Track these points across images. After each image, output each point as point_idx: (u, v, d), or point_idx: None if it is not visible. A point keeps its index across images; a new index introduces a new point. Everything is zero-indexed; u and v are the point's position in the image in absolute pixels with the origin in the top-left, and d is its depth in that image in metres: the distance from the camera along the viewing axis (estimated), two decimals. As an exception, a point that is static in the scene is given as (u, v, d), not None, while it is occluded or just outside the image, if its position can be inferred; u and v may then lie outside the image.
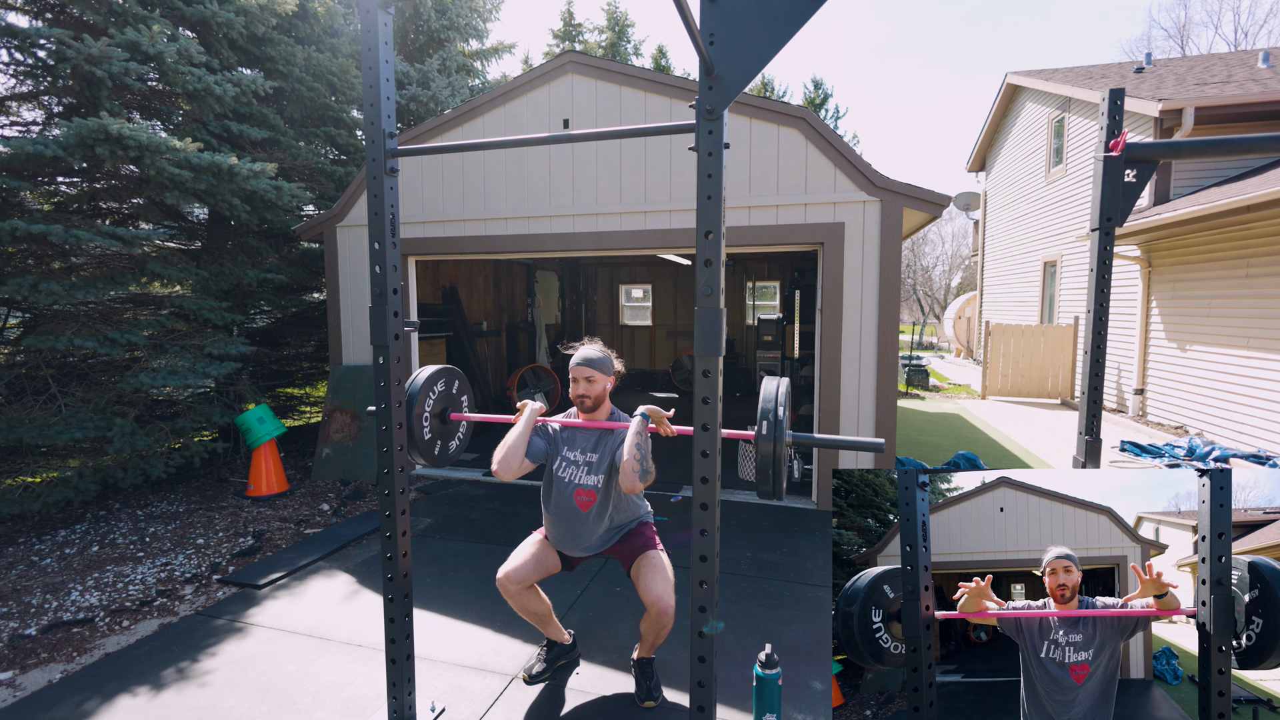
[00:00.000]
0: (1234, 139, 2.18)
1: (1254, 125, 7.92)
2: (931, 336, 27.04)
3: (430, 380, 2.46)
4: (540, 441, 2.53)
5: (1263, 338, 6.36)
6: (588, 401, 2.49)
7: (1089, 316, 2.37)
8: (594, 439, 2.53)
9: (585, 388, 2.48)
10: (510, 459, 2.39)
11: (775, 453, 1.76)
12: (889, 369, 4.60)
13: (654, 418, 2.29)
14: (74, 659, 2.96)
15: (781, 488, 1.84)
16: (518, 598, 2.56)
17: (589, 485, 2.48)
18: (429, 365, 2.54)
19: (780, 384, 1.86)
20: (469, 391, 2.74)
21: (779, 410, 1.78)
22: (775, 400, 1.81)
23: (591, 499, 2.48)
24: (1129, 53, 30.25)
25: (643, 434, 2.26)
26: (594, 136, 1.98)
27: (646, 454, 2.24)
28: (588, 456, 2.51)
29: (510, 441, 2.42)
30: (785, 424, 1.79)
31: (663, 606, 2.40)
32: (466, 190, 5.52)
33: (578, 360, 2.49)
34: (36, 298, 4.29)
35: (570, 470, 2.52)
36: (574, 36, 18.45)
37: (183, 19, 5.33)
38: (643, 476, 2.22)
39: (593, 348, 2.54)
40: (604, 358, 2.53)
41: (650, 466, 2.24)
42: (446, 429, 2.59)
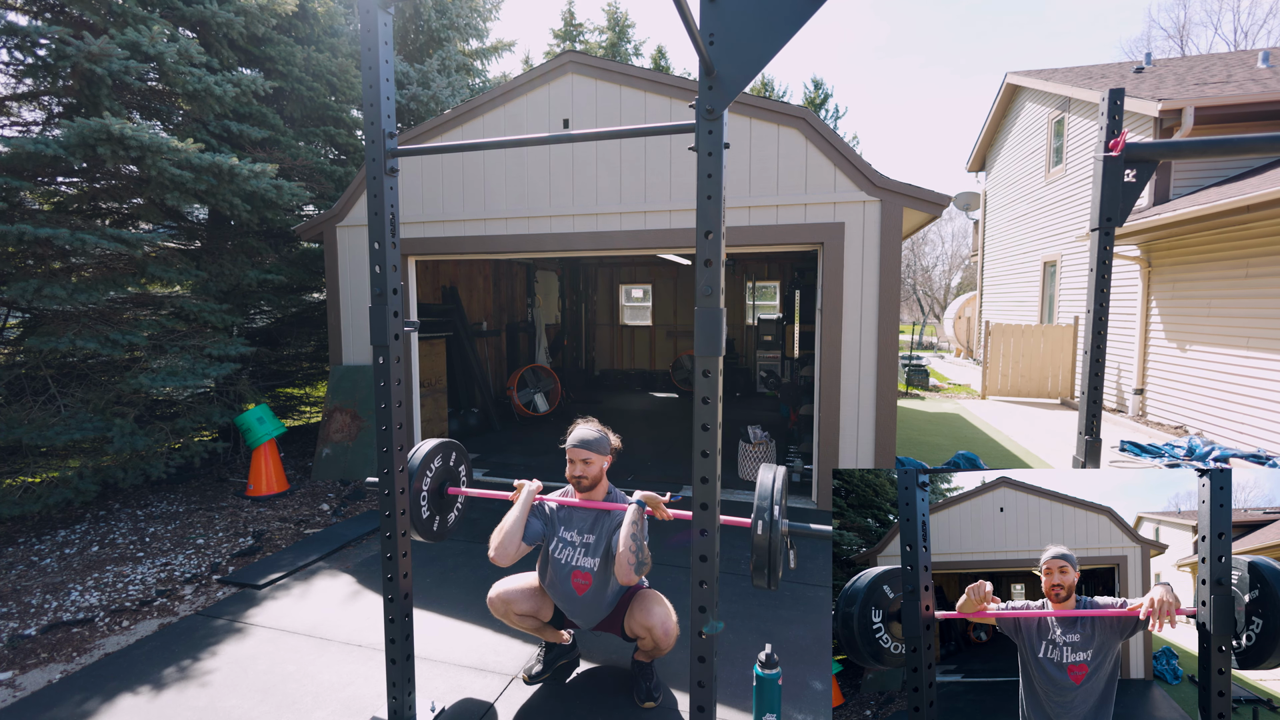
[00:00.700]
0: (1234, 139, 2.18)
1: (1254, 125, 7.92)
2: (931, 336, 27.04)
3: (428, 458, 2.50)
4: (538, 524, 2.56)
5: (1263, 338, 6.36)
6: (585, 482, 2.52)
7: (1089, 316, 2.37)
8: (591, 519, 2.55)
9: (582, 469, 2.51)
10: (507, 545, 2.41)
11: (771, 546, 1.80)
12: (889, 369, 4.60)
13: (650, 504, 2.33)
14: (74, 659, 2.96)
15: (777, 579, 1.90)
16: (507, 617, 2.60)
17: (585, 568, 2.50)
18: (428, 440, 2.58)
19: (777, 475, 1.90)
20: (466, 462, 2.78)
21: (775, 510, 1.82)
22: (771, 495, 1.84)
23: (588, 582, 2.50)
24: (1129, 53, 30.26)
25: (639, 524, 2.28)
26: (594, 136, 1.98)
27: (642, 545, 2.26)
28: (585, 538, 2.53)
29: (507, 527, 2.43)
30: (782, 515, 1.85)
31: (664, 628, 2.41)
32: (466, 190, 5.52)
33: (574, 442, 2.52)
34: (43, 301, 4.30)
35: (567, 552, 2.53)
36: (574, 36, 18.45)
37: (182, 19, 5.33)
38: (638, 569, 2.24)
39: (589, 428, 2.56)
40: (600, 438, 2.55)
41: (646, 558, 2.27)
42: (443, 503, 2.63)
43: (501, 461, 6.20)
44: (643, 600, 2.50)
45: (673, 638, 2.45)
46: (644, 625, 2.43)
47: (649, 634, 2.43)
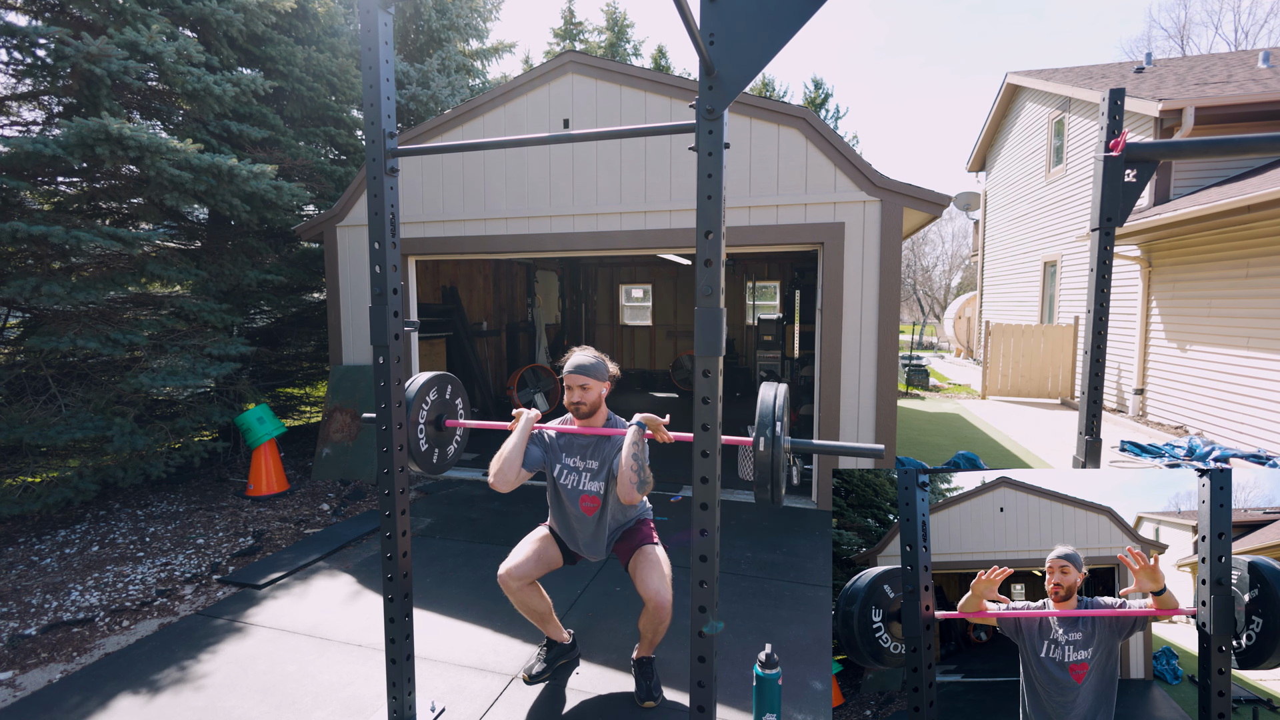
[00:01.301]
0: (1234, 139, 2.18)
1: (1254, 125, 7.92)
2: (931, 336, 27.04)
3: (424, 388, 2.45)
4: (537, 450, 2.53)
5: (1263, 338, 6.36)
6: (583, 408, 2.49)
7: (1089, 316, 2.37)
8: (592, 445, 2.53)
9: (580, 395, 2.47)
10: (506, 471, 2.39)
11: (774, 460, 1.76)
12: (889, 369, 4.60)
13: (650, 425, 2.29)
14: (74, 659, 2.96)
15: (780, 494, 1.84)
16: (519, 594, 2.56)
17: (592, 491, 2.49)
18: (423, 373, 2.53)
19: (778, 391, 1.86)
20: (463, 395, 2.73)
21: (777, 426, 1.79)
22: (773, 408, 1.81)
23: (596, 504, 2.50)
24: (1129, 53, 30.25)
25: (639, 444, 2.26)
26: (594, 136, 1.98)
27: (644, 464, 2.24)
28: (587, 463, 2.52)
29: (506, 453, 2.41)
30: (784, 431, 1.79)
31: (660, 600, 2.41)
32: (466, 190, 5.52)
33: (570, 368, 2.48)
34: (38, 299, 4.29)
35: (573, 477, 2.53)
36: (574, 35, 18.45)
37: (181, 17, 5.33)
38: (640, 488, 2.22)
39: (585, 354, 2.53)
40: (597, 363, 2.52)
41: (648, 477, 2.25)
42: (442, 436, 2.59)
43: (501, 461, 6.20)
44: (644, 564, 2.47)
45: (667, 608, 2.44)
46: (642, 594, 2.45)
47: (646, 606, 2.46)
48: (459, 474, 5.78)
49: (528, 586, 2.57)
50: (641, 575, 2.46)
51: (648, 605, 2.44)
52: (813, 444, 1.90)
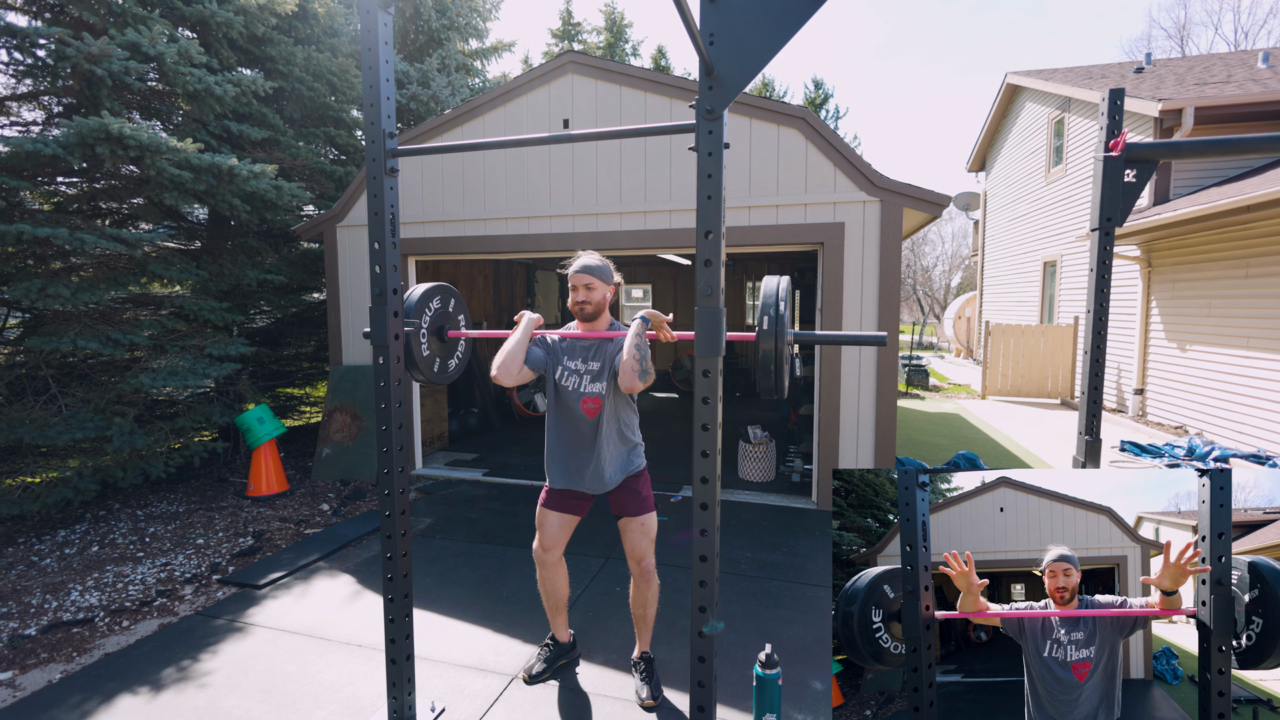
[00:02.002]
0: (1234, 139, 2.18)
1: (1254, 125, 7.92)
2: (931, 336, 27.03)
3: (426, 296, 2.41)
4: (539, 351, 2.52)
5: (1263, 338, 6.36)
6: (588, 308, 2.47)
7: (1089, 316, 2.37)
8: (594, 348, 2.51)
9: (585, 294, 2.46)
10: (510, 364, 2.37)
11: (776, 349, 1.74)
12: (889, 369, 4.60)
13: (654, 321, 2.27)
14: (74, 659, 2.96)
15: (783, 385, 1.81)
16: (551, 570, 2.64)
17: (594, 393, 2.47)
18: (424, 282, 2.49)
19: (781, 281, 1.83)
20: (465, 311, 2.68)
21: (780, 306, 1.77)
22: (776, 296, 1.79)
23: (598, 406, 2.47)
24: (1129, 53, 30.26)
25: (642, 336, 2.25)
26: (594, 136, 1.98)
27: (646, 355, 2.23)
28: (589, 365, 2.50)
29: (509, 347, 2.40)
30: (786, 320, 1.78)
31: (645, 565, 2.53)
32: (466, 190, 5.52)
33: (577, 268, 2.47)
34: (40, 300, 4.29)
35: (573, 379, 2.51)
36: (572, 36, 18.45)
37: (182, 18, 5.33)
38: (642, 376, 2.22)
39: (591, 256, 2.52)
40: (603, 265, 2.52)
41: (649, 367, 2.24)
42: (445, 347, 2.55)
43: (501, 461, 6.20)
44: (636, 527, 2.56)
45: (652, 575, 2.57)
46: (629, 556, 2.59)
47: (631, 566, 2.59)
48: (459, 474, 5.78)
49: (559, 563, 2.64)
50: (632, 537, 2.55)
51: (632, 571, 2.56)
52: (815, 334, 1.90)
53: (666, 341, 2.29)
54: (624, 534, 2.58)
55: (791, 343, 1.81)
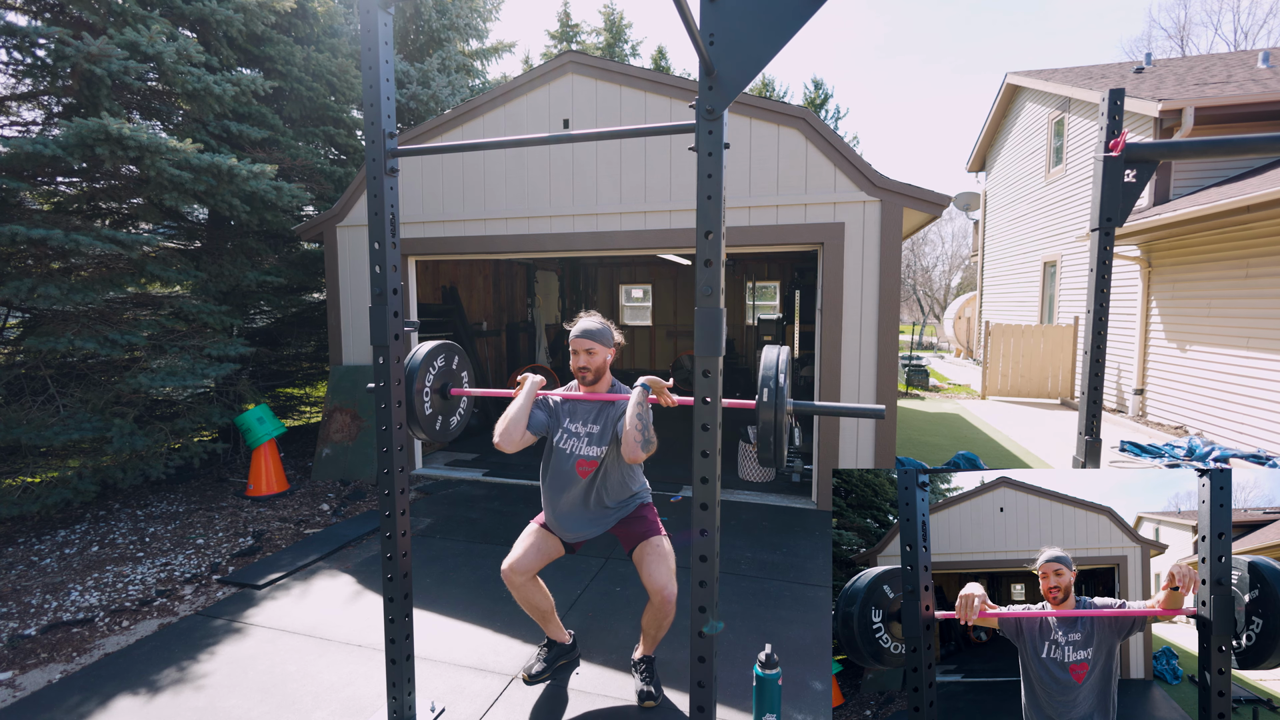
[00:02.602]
0: (1234, 139, 2.18)
1: (1254, 125, 7.92)
2: (931, 336, 27.03)
3: (430, 355, 2.43)
4: (541, 414, 2.53)
5: (1263, 338, 6.36)
6: (588, 374, 2.49)
7: (1089, 316, 2.37)
8: (595, 411, 2.52)
9: (586, 360, 2.48)
10: (512, 430, 2.39)
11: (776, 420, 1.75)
12: (889, 369, 4.60)
13: (654, 388, 2.29)
14: (74, 659, 2.96)
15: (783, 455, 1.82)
16: (523, 589, 2.56)
17: (590, 456, 2.48)
18: (429, 341, 2.51)
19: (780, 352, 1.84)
20: (469, 368, 2.70)
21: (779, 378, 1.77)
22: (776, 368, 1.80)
23: (591, 468, 2.48)
24: (1129, 53, 30.26)
25: (644, 404, 2.26)
26: (594, 136, 1.98)
27: (648, 424, 2.24)
28: (589, 428, 2.51)
29: (512, 414, 2.41)
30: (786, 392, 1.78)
31: (666, 595, 2.41)
32: (466, 190, 5.52)
33: (577, 332, 2.49)
34: (36, 300, 4.29)
35: (572, 442, 2.52)
36: (571, 37, 18.45)
37: (181, 17, 5.33)
38: (644, 446, 2.22)
39: (592, 319, 2.54)
40: (604, 329, 2.53)
41: (652, 436, 2.25)
42: (447, 404, 2.57)
43: (501, 461, 6.20)
44: (650, 556, 2.47)
45: (672, 603, 2.44)
46: (648, 586, 2.44)
47: (651, 601, 2.46)
48: (459, 474, 5.78)
49: (530, 582, 2.56)
50: (649, 568, 2.45)
51: (653, 599, 2.44)
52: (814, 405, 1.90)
53: (668, 406, 2.30)
54: (641, 564, 2.48)
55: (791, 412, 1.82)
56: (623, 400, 2.43)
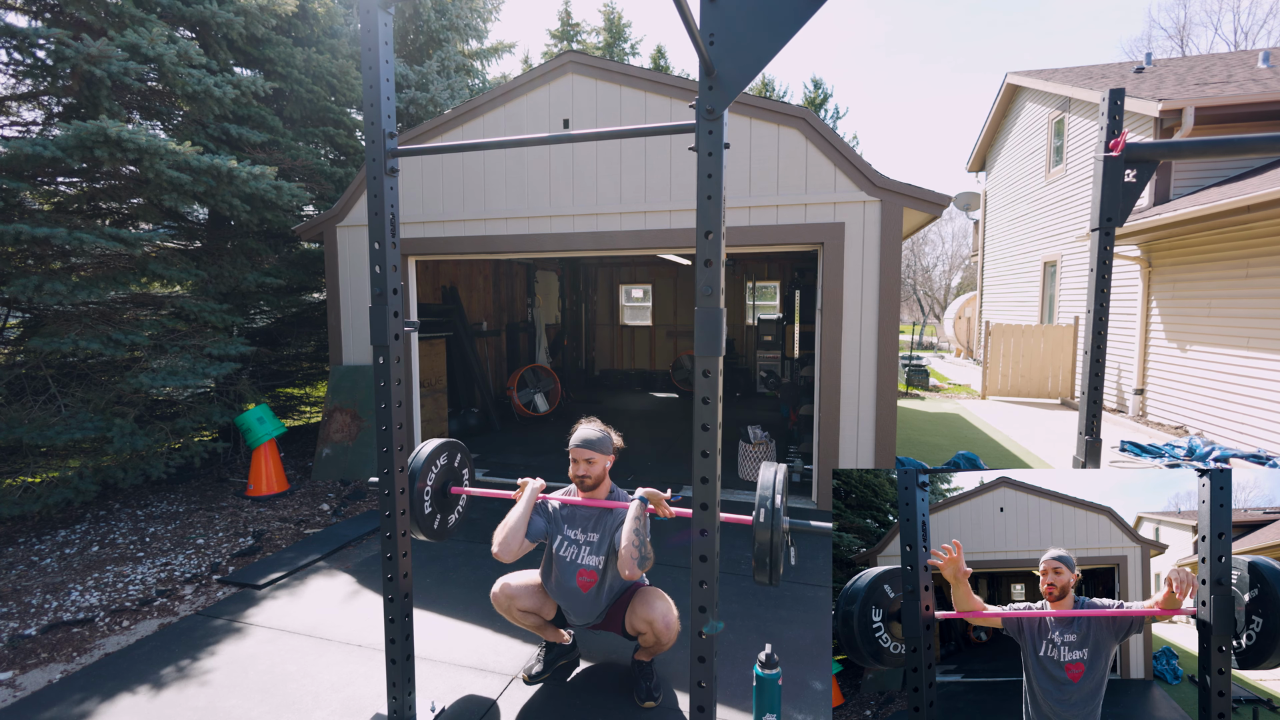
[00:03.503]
0: (1234, 139, 2.18)
1: (1254, 125, 7.92)
2: (931, 336, 27.04)
3: (433, 455, 2.52)
4: (540, 521, 2.58)
5: (1263, 338, 6.36)
6: (588, 481, 2.54)
7: (1089, 316, 2.37)
8: (594, 518, 2.57)
9: (585, 469, 2.53)
10: (510, 541, 2.43)
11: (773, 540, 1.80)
12: (889, 369, 4.60)
13: (652, 501, 2.35)
14: (74, 659, 2.96)
15: (779, 573, 1.90)
16: (510, 613, 2.61)
17: (590, 566, 2.52)
18: (432, 439, 2.59)
19: (778, 472, 1.92)
20: (469, 464, 2.79)
21: (777, 499, 1.82)
22: (773, 488, 1.85)
23: (592, 580, 2.52)
24: (1129, 53, 30.26)
25: (641, 519, 2.31)
26: (594, 136, 1.98)
27: (645, 540, 2.29)
28: (588, 536, 2.55)
29: (511, 524, 2.46)
30: (783, 511, 1.85)
31: (666, 621, 2.43)
32: (466, 190, 5.52)
33: (577, 442, 2.54)
34: (39, 298, 4.29)
35: (572, 550, 2.55)
36: (571, 37, 18.45)
37: (182, 19, 5.33)
38: (641, 564, 2.26)
39: (591, 428, 2.58)
40: (603, 438, 2.57)
41: (649, 553, 2.29)
42: (446, 502, 2.63)
43: (501, 461, 6.20)
44: (644, 595, 2.52)
45: (674, 631, 2.46)
46: (646, 619, 2.44)
47: (650, 628, 2.44)
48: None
49: (517, 609, 2.61)
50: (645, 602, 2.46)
51: (655, 626, 2.42)
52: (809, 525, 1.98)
53: (665, 518, 2.34)
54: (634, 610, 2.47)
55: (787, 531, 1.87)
56: (621, 509, 2.47)
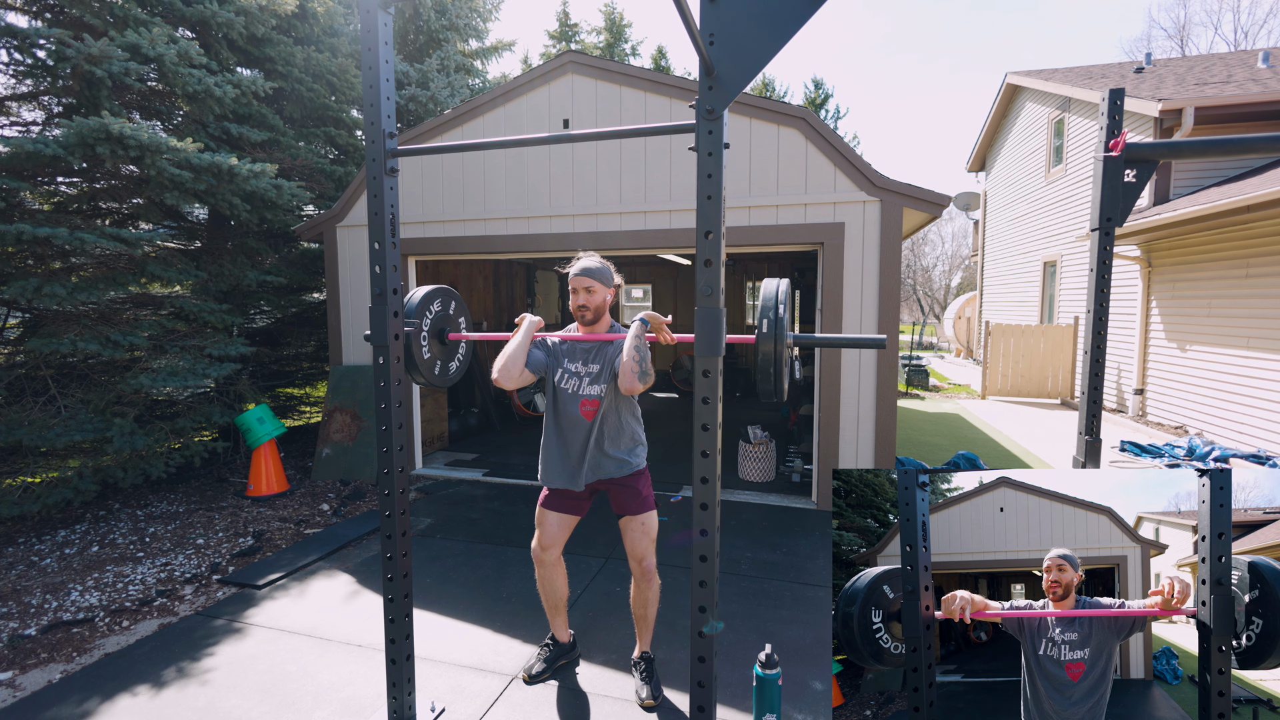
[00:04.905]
0: (1234, 139, 2.18)
1: (1254, 125, 7.92)
2: (931, 336, 27.03)
3: (426, 299, 2.43)
4: (539, 353, 2.54)
5: (1263, 338, 6.35)
6: (588, 313, 2.49)
7: (1089, 316, 2.37)
8: (594, 350, 2.53)
9: (585, 298, 2.47)
10: (510, 367, 2.40)
11: (776, 352, 1.75)
12: (889, 369, 4.60)
13: (653, 324, 2.28)
14: (74, 659, 2.96)
15: (783, 388, 1.81)
16: (550, 570, 2.63)
17: (593, 395, 2.49)
18: (425, 285, 2.51)
19: (780, 284, 1.84)
20: (465, 314, 2.70)
21: (779, 309, 1.77)
22: (776, 299, 1.80)
23: (595, 408, 2.49)
24: (1129, 53, 30.26)
25: (641, 337, 2.26)
26: (594, 136, 1.98)
27: (645, 356, 2.24)
28: (589, 367, 2.51)
29: (510, 351, 2.42)
30: (786, 323, 1.78)
31: (646, 565, 2.53)
32: (466, 190, 5.52)
33: (577, 271, 2.48)
34: (42, 299, 4.29)
35: (573, 381, 2.52)
36: (570, 37, 18.45)
37: (182, 19, 5.33)
38: (642, 378, 2.23)
39: (591, 259, 2.52)
40: (603, 268, 2.52)
41: (649, 369, 2.25)
42: (445, 350, 2.56)
43: (501, 461, 6.20)
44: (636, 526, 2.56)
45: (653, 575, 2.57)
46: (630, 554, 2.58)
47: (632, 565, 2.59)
48: (459, 474, 5.78)
49: (557, 562, 2.63)
50: (631, 538, 2.55)
51: (633, 570, 2.55)
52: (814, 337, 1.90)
53: (666, 343, 2.30)
54: (625, 533, 2.59)
55: (791, 345, 1.81)
56: (621, 339, 2.42)
